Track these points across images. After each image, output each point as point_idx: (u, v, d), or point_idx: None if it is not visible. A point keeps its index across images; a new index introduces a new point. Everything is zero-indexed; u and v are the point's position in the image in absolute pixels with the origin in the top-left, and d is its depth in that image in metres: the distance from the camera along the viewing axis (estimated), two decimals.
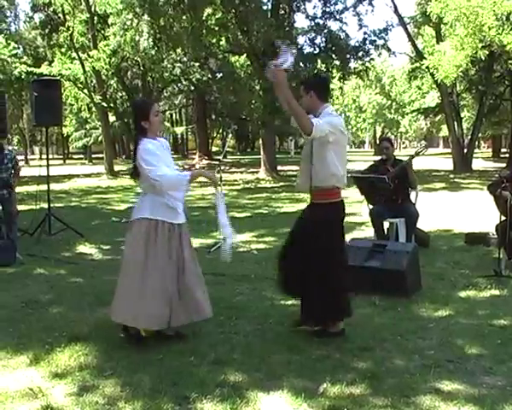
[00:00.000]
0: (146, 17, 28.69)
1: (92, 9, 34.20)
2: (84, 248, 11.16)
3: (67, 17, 36.28)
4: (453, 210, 15.46)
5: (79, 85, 35.50)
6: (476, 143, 42.93)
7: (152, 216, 5.73)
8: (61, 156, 75.65)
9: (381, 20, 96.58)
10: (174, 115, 78.87)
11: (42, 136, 68.80)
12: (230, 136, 67.87)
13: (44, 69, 31.84)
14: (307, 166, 5.82)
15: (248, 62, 35.83)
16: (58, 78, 26.14)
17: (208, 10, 31.06)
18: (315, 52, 33.17)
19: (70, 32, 34.35)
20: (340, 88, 39.82)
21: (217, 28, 31.93)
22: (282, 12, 33.10)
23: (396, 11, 34.62)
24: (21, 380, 4.94)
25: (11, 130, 62.90)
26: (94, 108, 37.81)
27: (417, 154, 10.05)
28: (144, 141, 5.71)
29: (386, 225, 10.05)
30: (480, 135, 45.69)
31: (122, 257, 6.03)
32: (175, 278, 5.68)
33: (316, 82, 6.11)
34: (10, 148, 11.39)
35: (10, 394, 4.67)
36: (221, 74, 37.95)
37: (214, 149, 64.48)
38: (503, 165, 37.65)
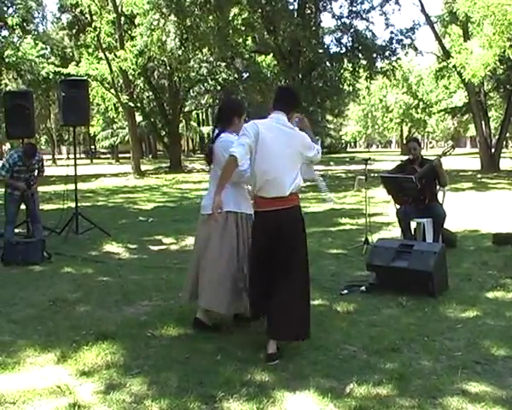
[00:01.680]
0: (172, 17, 28.77)
1: (119, 10, 34.38)
2: (111, 248, 11.22)
3: (94, 18, 36.52)
4: (481, 210, 15.32)
5: (106, 85, 35.74)
6: (504, 142, 42.52)
7: (237, 209, 6.00)
8: (88, 156, 76.24)
9: (408, 20, 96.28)
10: (201, 115, 79.02)
11: (69, 135, 69.28)
12: None
13: (72, 69, 32.14)
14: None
15: (275, 62, 35.85)
16: (85, 78, 26.36)
17: (235, 10, 31.16)
18: (341, 52, 33.17)
19: (97, 33, 34.60)
20: (367, 87, 39.74)
21: (243, 28, 32.02)
22: (309, 11, 33.12)
23: (423, 10, 34.41)
24: (49, 377, 4.98)
25: (39, 130, 63.50)
26: (121, 108, 37.99)
27: (444, 154, 10.00)
28: (228, 134, 6.08)
29: (413, 225, 10.00)
30: (507, 135, 45.28)
31: (205, 246, 6.11)
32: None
33: (275, 91, 6.18)
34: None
35: (38, 391, 4.70)
36: (247, 74, 38.02)
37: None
38: None
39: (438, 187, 10.03)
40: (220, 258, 5.98)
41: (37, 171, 10.94)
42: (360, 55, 32.45)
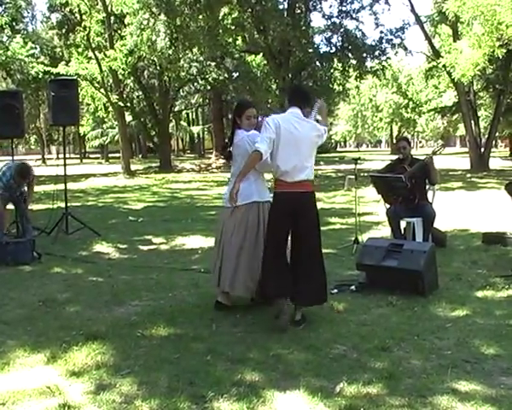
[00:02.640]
0: (162, 17, 28.75)
1: (109, 9, 34.30)
2: (101, 248, 11.20)
3: (84, 17, 36.41)
4: (470, 210, 15.38)
5: (96, 85, 35.66)
6: (493, 142, 42.68)
7: (260, 199, 6.73)
8: (78, 156, 76.05)
9: (398, 19, 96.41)
10: (191, 115, 79.04)
11: (59, 135, 69.09)
12: None
13: (61, 69, 32.05)
14: None
15: (265, 62, 35.83)
16: (75, 77, 26.27)
17: (224, 10, 31.16)
18: (331, 51, 33.21)
19: (87, 32, 34.52)
20: (357, 87, 39.81)
21: (233, 27, 32.02)
22: (299, 11, 33.18)
23: (412, 10, 34.47)
24: (39, 378, 4.95)
25: (28, 129, 63.30)
26: (110, 108, 37.91)
27: (434, 153, 10.02)
28: (243, 131, 6.79)
29: (402, 224, 10.02)
30: (497, 134, 45.45)
31: (231, 237, 6.75)
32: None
33: (289, 90, 7.34)
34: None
35: (28, 392, 4.68)
36: (237, 74, 38.05)
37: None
38: None
39: (428, 186, 10.06)
40: (244, 246, 6.65)
41: (26, 186, 10.92)
42: (350, 54, 32.51)
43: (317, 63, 33.04)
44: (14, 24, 40.28)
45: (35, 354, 5.51)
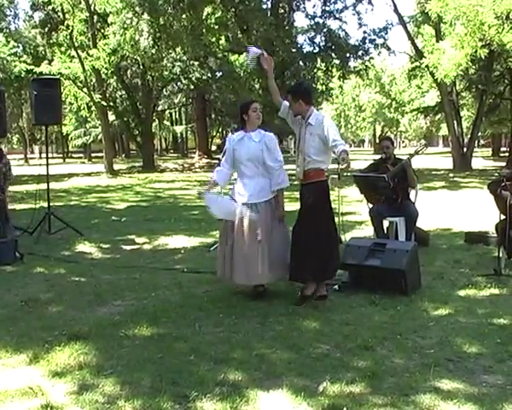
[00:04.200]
0: (146, 16, 28.68)
1: (92, 8, 34.11)
2: (84, 247, 11.15)
3: (67, 16, 36.19)
4: (453, 209, 15.45)
5: (79, 84, 35.48)
6: (476, 142, 42.89)
7: (256, 200, 7.43)
8: (61, 155, 75.68)
9: (381, 19, 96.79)
10: (174, 114, 78.82)
11: (41, 135, 68.70)
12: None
13: (44, 68, 31.83)
14: None
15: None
16: (58, 76, 26.10)
17: (208, 9, 31.14)
18: (314, 51, 33.27)
19: (70, 31, 34.31)
20: (340, 87, 39.86)
21: (216, 27, 32.01)
22: (282, 11, 33.23)
23: (396, 10, 34.61)
24: (21, 379, 4.93)
25: (11, 129, 62.90)
26: (93, 107, 37.74)
27: (417, 153, 10.02)
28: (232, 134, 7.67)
29: (385, 224, 10.04)
30: (479, 134, 45.71)
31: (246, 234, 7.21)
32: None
33: (301, 90, 7.36)
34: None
35: (10, 392, 4.66)
36: (221, 73, 37.97)
37: (214, 147, 64.36)
38: (503, 164, 37.70)
39: None
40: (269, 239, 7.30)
41: (4, 175, 10.81)
42: (333, 54, 32.60)
43: (301, 63, 33.08)
44: None
45: (17, 355, 5.48)
